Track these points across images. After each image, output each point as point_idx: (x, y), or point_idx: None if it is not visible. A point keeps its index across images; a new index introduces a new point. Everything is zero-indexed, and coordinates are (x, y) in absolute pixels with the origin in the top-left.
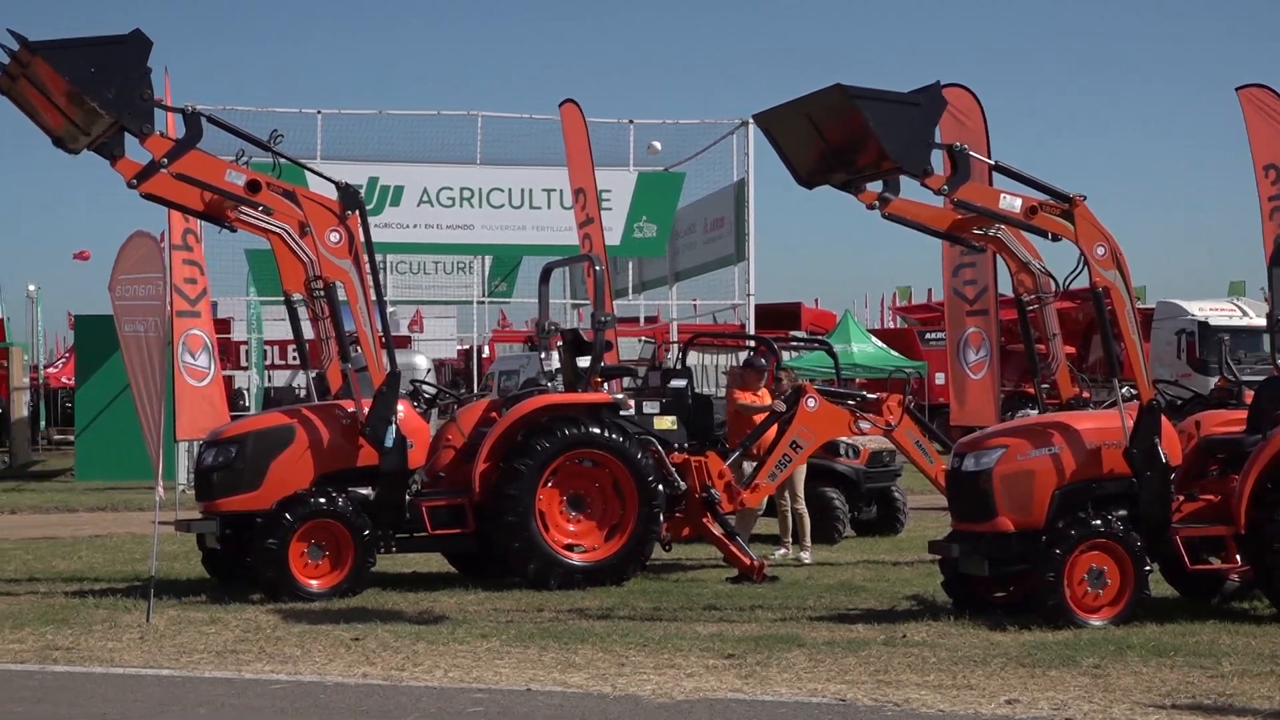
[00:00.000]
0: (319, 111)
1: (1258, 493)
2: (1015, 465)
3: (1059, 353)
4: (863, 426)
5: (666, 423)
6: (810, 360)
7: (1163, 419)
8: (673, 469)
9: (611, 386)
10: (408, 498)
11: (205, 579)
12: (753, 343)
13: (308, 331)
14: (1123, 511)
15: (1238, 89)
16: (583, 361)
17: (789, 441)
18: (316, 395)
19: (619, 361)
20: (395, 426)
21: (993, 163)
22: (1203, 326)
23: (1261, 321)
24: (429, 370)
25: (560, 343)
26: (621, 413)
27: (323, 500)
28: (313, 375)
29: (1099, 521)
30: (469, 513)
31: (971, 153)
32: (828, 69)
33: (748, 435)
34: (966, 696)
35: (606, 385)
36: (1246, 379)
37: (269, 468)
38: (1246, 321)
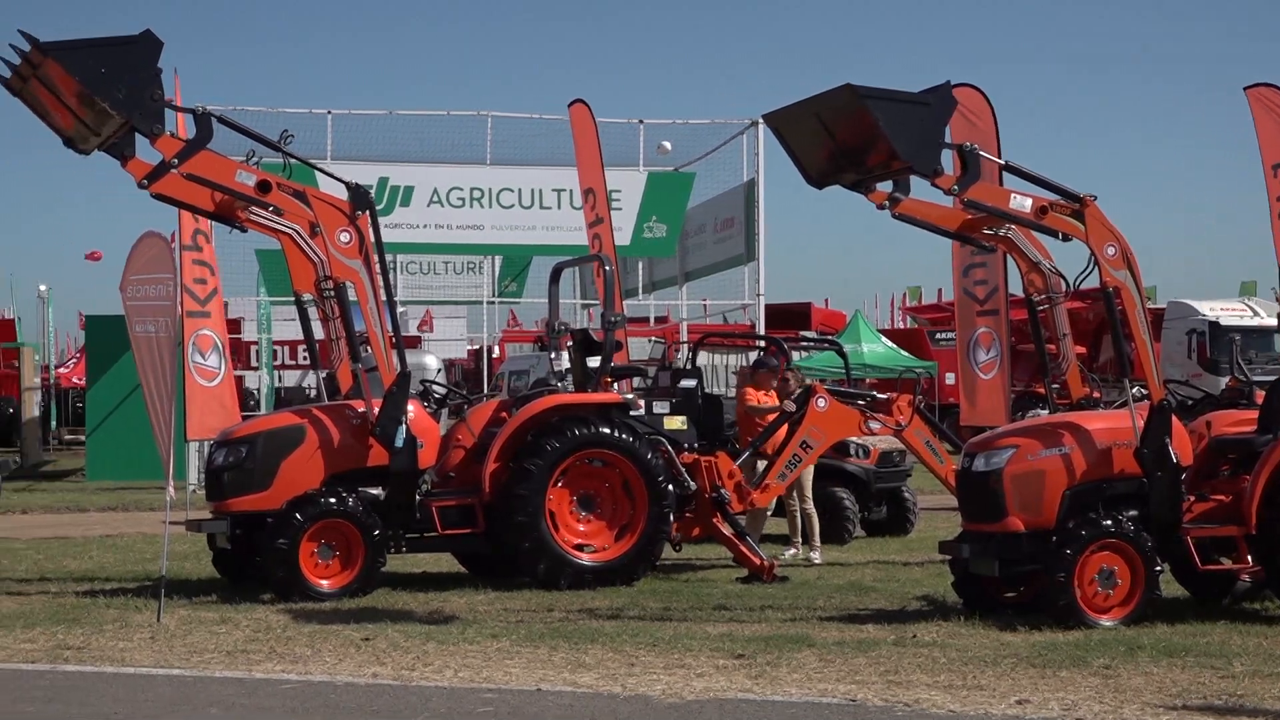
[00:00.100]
0: (329, 112)
1: (1269, 493)
2: (1026, 465)
3: (1069, 353)
4: (873, 427)
5: (676, 423)
6: (820, 360)
7: (1173, 419)
8: (683, 469)
9: (621, 386)
10: (418, 498)
11: (216, 579)
12: (763, 343)
13: (318, 331)
14: (1133, 512)
15: (1246, 88)
16: (593, 361)
17: (799, 441)
18: (327, 395)
19: (629, 361)
20: (405, 426)
21: (1003, 162)
22: (1214, 326)
23: (1273, 321)
24: (439, 370)
25: (570, 343)
26: (631, 413)
27: (333, 500)
28: (323, 375)
29: (1110, 522)
30: (479, 513)
31: (982, 152)
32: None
33: (758, 435)
34: (977, 697)
35: (616, 385)
36: (1257, 379)
37: (279, 468)
38: (1257, 321)
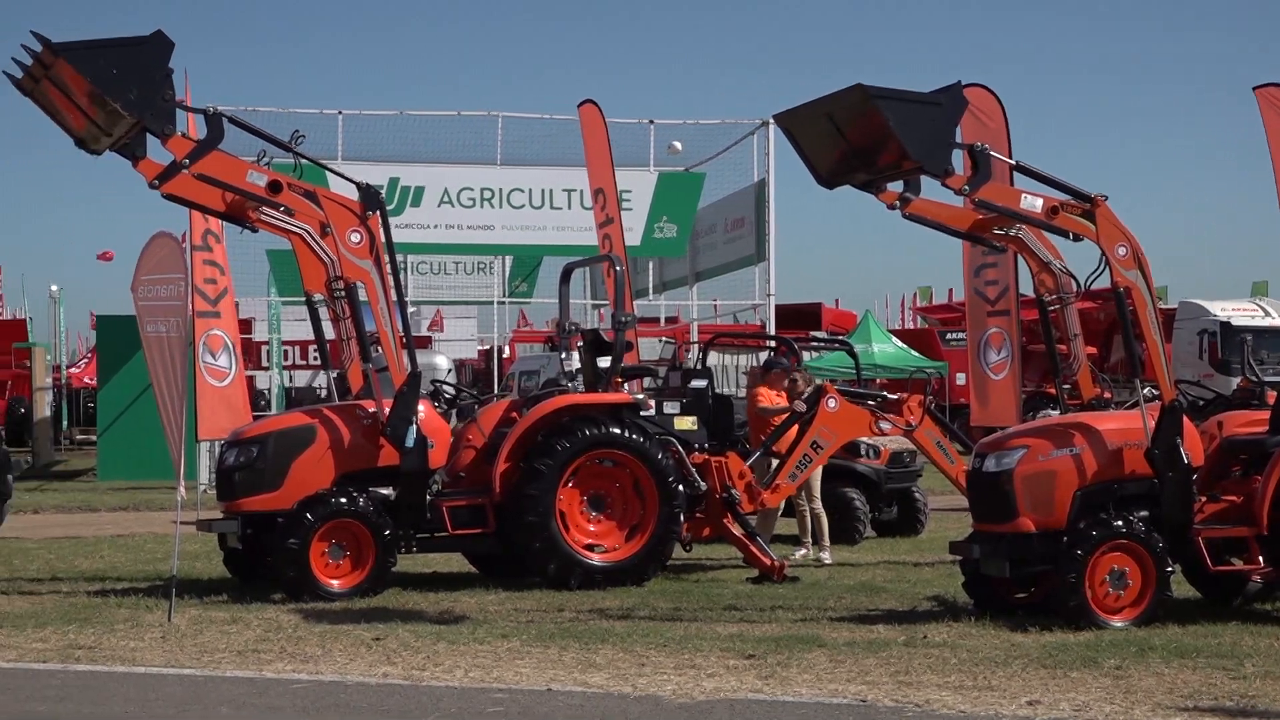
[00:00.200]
0: (340, 112)
1: None
2: (1036, 466)
3: (1080, 353)
4: (883, 427)
5: (687, 423)
6: (831, 360)
7: (1185, 419)
8: (693, 469)
9: (632, 387)
10: (428, 498)
11: (227, 578)
12: (773, 343)
13: (329, 332)
14: (1144, 512)
15: (1255, 88)
16: (603, 362)
17: (810, 442)
18: (337, 395)
19: (639, 362)
20: (416, 426)
21: (1014, 163)
22: (1225, 327)
23: None
24: (449, 370)
25: (581, 343)
26: (642, 413)
27: (344, 500)
28: (334, 375)
29: (1120, 522)
30: (489, 513)
31: (992, 152)
32: (849, 69)
33: (769, 436)
34: (987, 698)
35: (627, 385)
36: (1269, 379)
37: (290, 468)
38: (1269, 322)
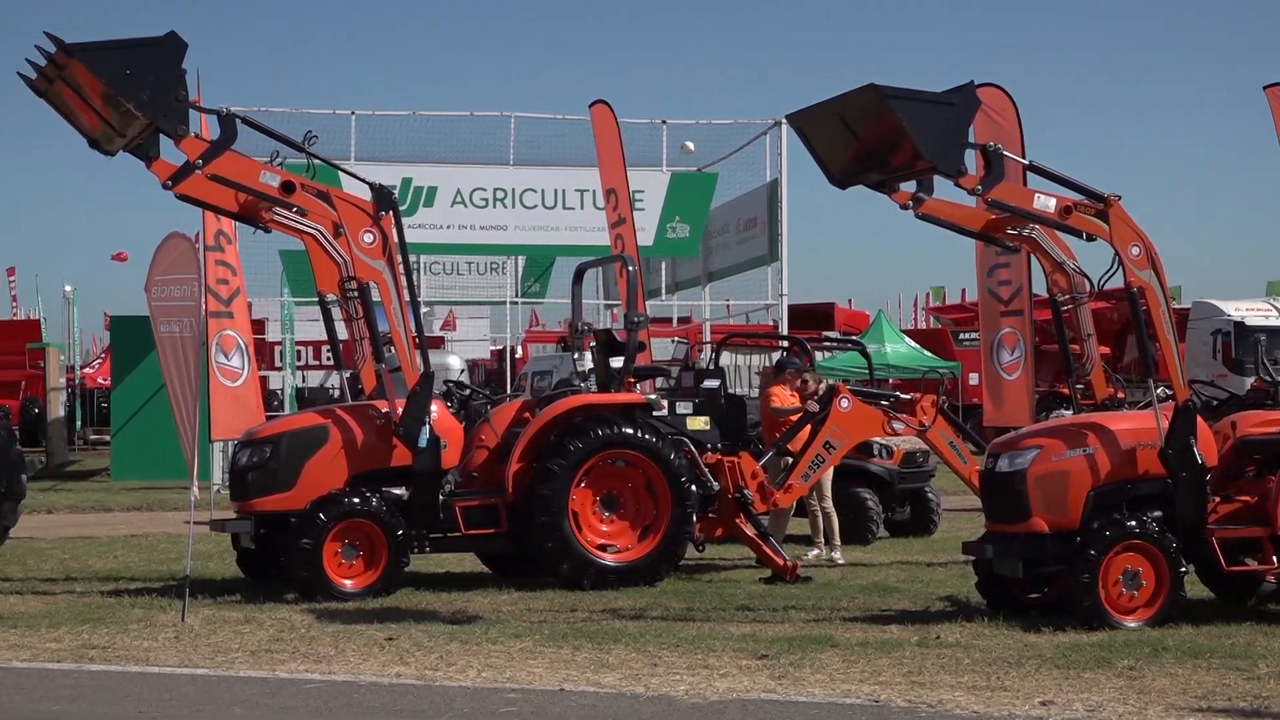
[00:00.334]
0: (353, 113)
1: None
2: (1050, 466)
3: (1094, 353)
4: (896, 427)
5: (700, 423)
6: (844, 361)
7: (1198, 419)
8: (706, 469)
9: (645, 387)
10: (441, 498)
11: (240, 579)
12: (786, 343)
13: (342, 332)
14: (1158, 512)
15: (1265, 87)
16: (616, 362)
17: (822, 442)
18: (350, 395)
19: (652, 362)
20: (429, 427)
21: (1027, 162)
22: (1239, 326)
23: None
24: (462, 370)
25: (593, 343)
26: (655, 413)
27: (357, 500)
28: (347, 376)
29: (1134, 522)
30: (502, 513)
31: (1006, 152)
32: (861, 69)
33: (782, 435)
34: (1001, 698)
35: (639, 386)
36: None
37: (303, 468)
38: None
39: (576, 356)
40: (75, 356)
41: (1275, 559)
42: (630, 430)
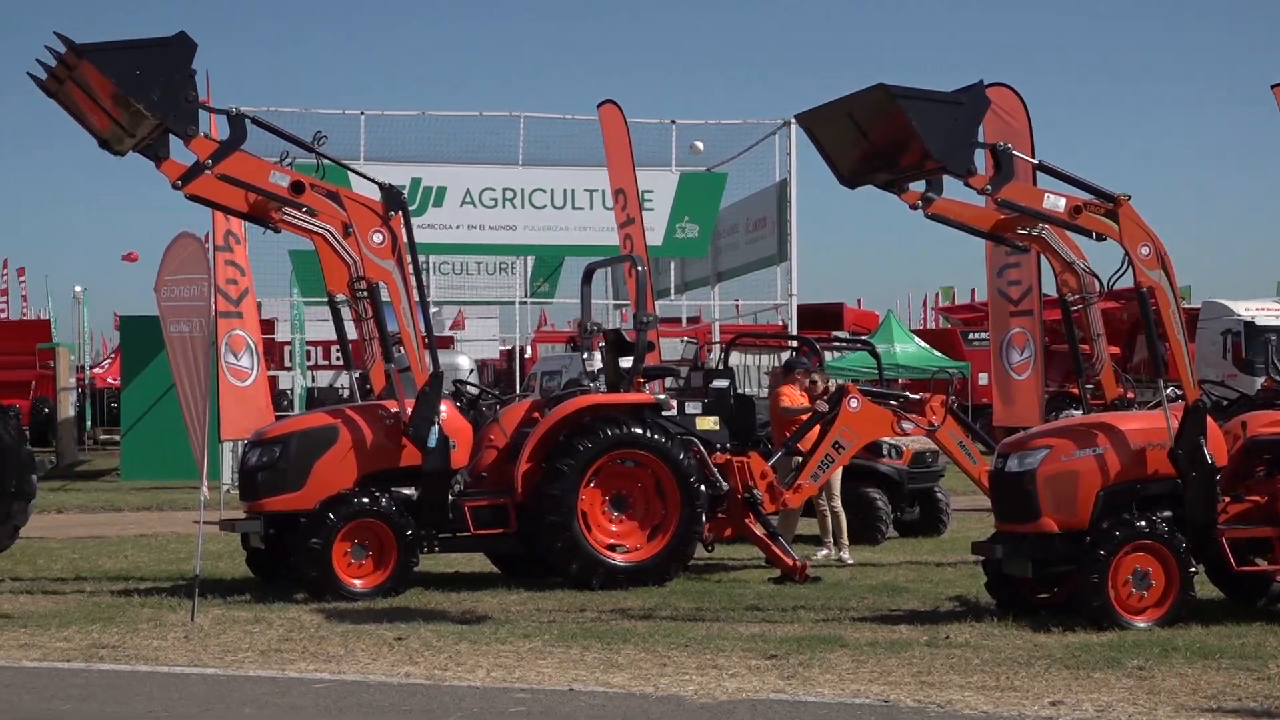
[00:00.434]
0: (362, 113)
1: None
2: (1059, 466)
3: (1103, 353)
4: (905, 427)
5: (709, 423)
6: (853, 361)
7: (1208, 419)
8: (715, 469)
9: (654, 387)
10: (450, 498)
11: (249, 578)
12: (795, 343)
13: (351, 332)
14: (1168, 512)
15: (1273, 86)
16: (625, 362)
17: (832, 442)
18: (360, 395)
19: (661, 362)
20: (438, 427)
21: (1036, 162)
22: (1249, 326)
23: None
24: (471, 370)
25: (602, 343)
26: (664, 413)
27: (366, 500)
28: (356, 375)
29: (1144, 522)
30: (511, 513)
31: (1015, 152)
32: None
33: (791, 435)
34: (1010, 698)
35: (649, 386)
36: None
37: (313, 468)
38: None
39: (586, 356)
40: (85, 356)
41: None
42: (639, 430)
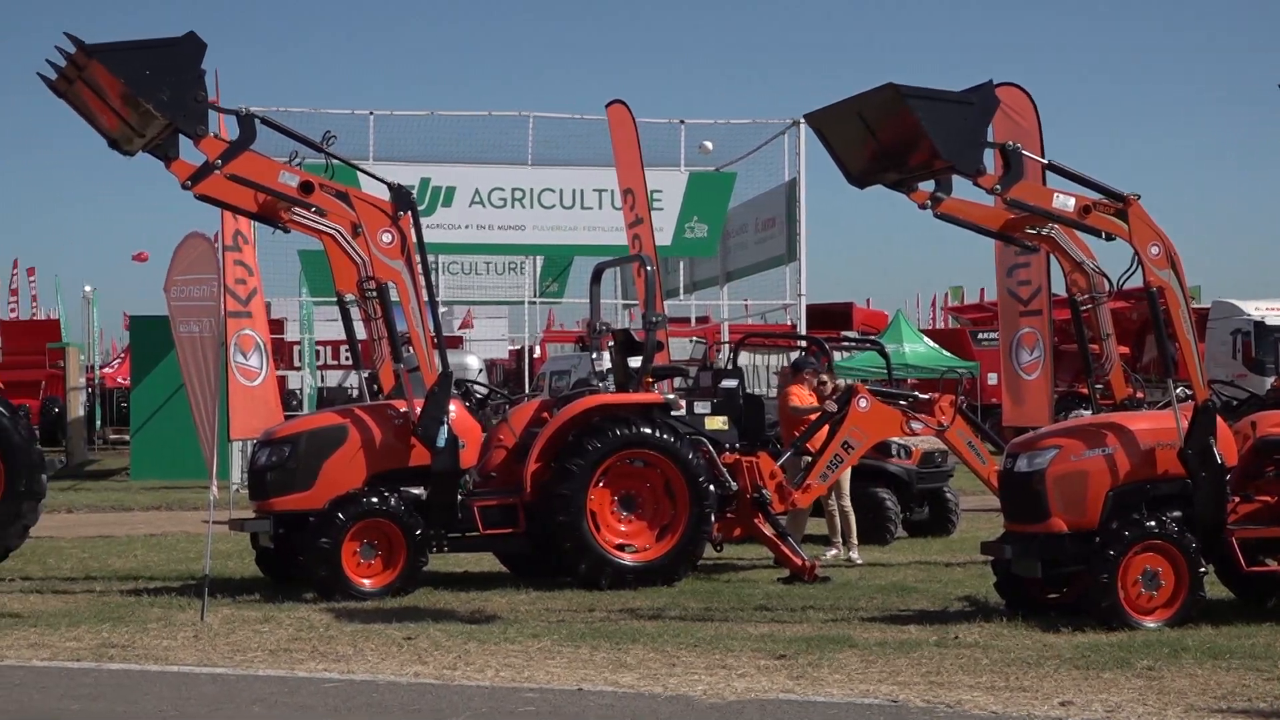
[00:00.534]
0: (371, 113)
1: None
2: (1069, 466)
3: (1113, 353)
4: (915, 427)
5: (718, 423)
6: (862, 360)
7: (1218, 419)
8: (724, 469)
9: (663, 387)
10: (459, 497)
11: (259, 578)
12: (804, 343)
13: (360, 332)
14: (1177, 513)
15: None
16: (634, 362)
17: (841, 442)
18: (369, 395)
19: (670, 362)
20: (447, 426)
21: (1046, 162)
22: (1259, 326)
23: None
24: (481, 370)
25: (611, 343)
26: (673, 413)
27: (375, 500)
28: (365, 375)
29: (1153, 523)
30: (520, 512)
31: (1024, 152)
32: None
33: (800, 435)
34: (1019, 698)
35: (658, 385)
36: None
37: (322, 467)
38: None
39: (594, 356)
40: (95, 356)
41: None
42: (648, 430)
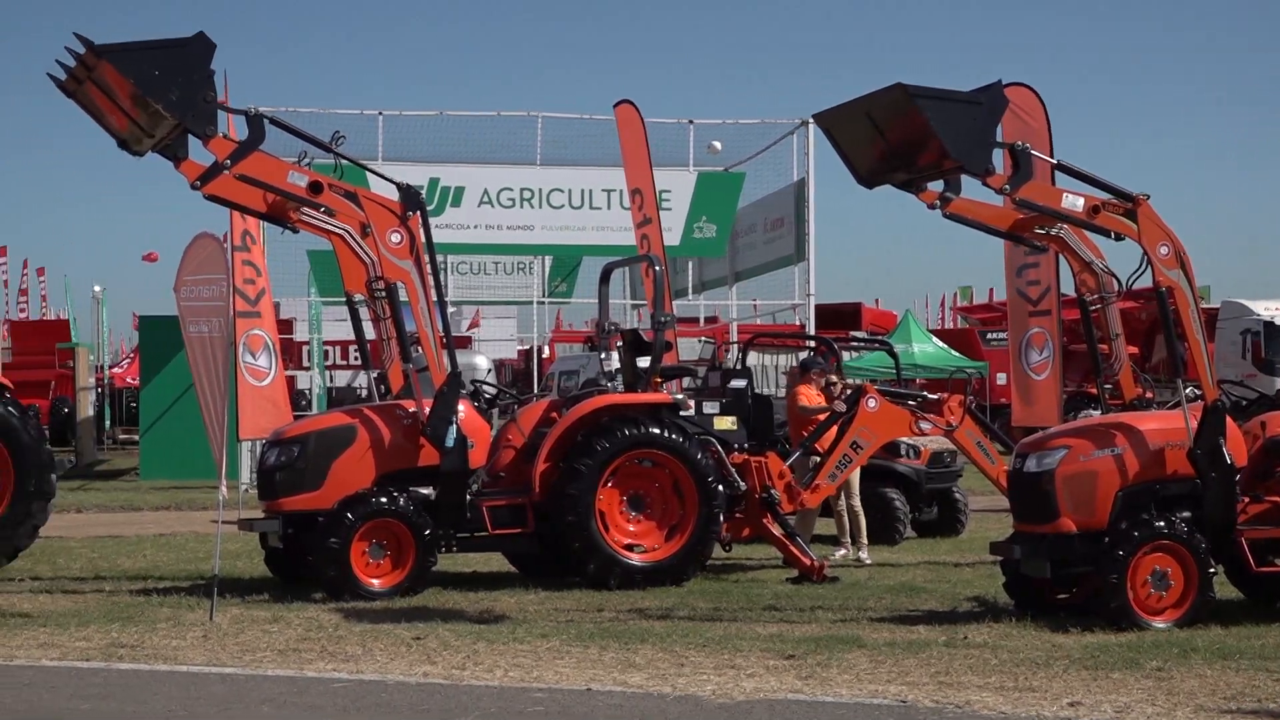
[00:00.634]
0: (380, 113)
1: None
2: (1078, 466)
3: (1122, 353)
4: (924, 427)
5: (726, 423)
6: (871, 360)
7: (1227, 419)
8: (732, 469)
9: (671, 387)
10: (468, 497)
11: (268, 578)
12: (813, 343)
13: (369, 332)
14: (1187, 513)
15: None
16: (643, 362)
17: (849, 442)
18: (377, 395)
19: (679, 362)
20: (456, 426)
21: (1055, 162)
22: (1268, 326)
23: None
24: (489, 370)
25: (620, 343)
26: (681, 413)
27: (384, 500)
28: (374, 375)
29: (1163, 523)
30: (529, 512)
31: (1034, 151)
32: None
33: (808, 435)
34: (1028, 699)
35: (666, 385)
36: None
37: (331, 467)
38: None
39: (603, 356)
40: (104, 356)
41: None
42: (657, 430)
